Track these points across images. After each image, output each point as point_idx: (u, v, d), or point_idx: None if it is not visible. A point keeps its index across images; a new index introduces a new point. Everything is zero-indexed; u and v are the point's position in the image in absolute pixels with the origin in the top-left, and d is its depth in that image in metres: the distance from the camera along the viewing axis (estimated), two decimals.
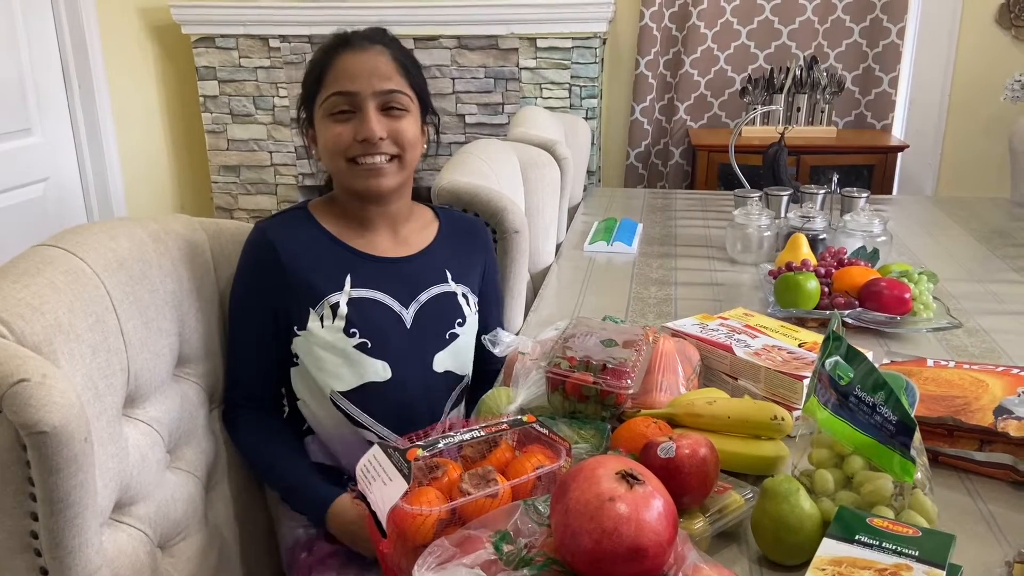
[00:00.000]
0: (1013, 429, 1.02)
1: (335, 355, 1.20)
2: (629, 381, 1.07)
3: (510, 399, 1.11)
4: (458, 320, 1.30)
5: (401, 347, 1.23)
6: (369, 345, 1.21)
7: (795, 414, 1.10)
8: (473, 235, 1.39)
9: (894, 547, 0.77)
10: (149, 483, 1.06)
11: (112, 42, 3.07)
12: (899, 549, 0.77)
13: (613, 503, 0.73)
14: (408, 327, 1.24)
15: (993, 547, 0.90)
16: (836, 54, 3.39)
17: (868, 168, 3.17)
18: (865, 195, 2.08)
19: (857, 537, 0.79)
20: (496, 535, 0.76)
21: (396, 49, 1.24)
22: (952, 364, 1.24)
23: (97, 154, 3.03)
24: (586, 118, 3.21)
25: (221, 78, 3.34)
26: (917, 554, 0.76)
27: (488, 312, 1.39)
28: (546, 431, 0.93)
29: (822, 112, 3.25)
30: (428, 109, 1.29)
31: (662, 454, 0.89)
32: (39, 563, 0.87)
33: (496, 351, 1.20)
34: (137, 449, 1.05)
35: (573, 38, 3.19)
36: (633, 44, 3.48)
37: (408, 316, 1.25)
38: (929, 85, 3.47)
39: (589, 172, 3.27)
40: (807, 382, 1.14)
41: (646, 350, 1.16)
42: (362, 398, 1.22)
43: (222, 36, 3.28)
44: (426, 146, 1.30)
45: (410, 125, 1.22)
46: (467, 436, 0.90)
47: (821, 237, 1.89)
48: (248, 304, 1.23)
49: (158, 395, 1.11)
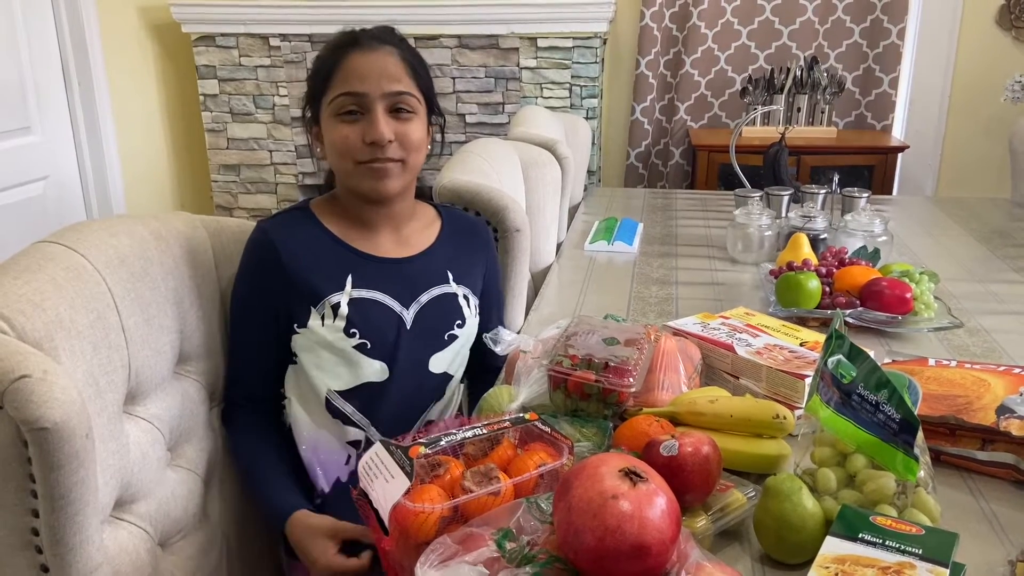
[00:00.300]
0: (1015, 428, 1.01)
1: (334, 354, 1.20)
2: (631, 379, 1.06)
3: (512, 397, 1.11)
4: (457, 322, 1.29)
5: (400, 348, 1.23)
6: (368, 346, 1.20)
7: (797, 413, 1.10)
8: (475, 235, 1.39)
9: (897, 545, 0.77)
10: (150, 480, 1.06)
11: (112, 41, 3.07)
12: (902, 547, 0.77)
13: (616, 501, 0.73)
14: (408, 328, 1.24)
15: (996, 546, 0.90)
16: (836, 54, 3.39)
17: (868, 168, 3.17)
18: (866, 195, 2.08)
19: (860, 535, 0.79)
20: (498, 533, 0.76)
21: (405, 49, 1.23)
22: (954, 363, 1.24)
23: (97, 153, 3.02)
24: (586, 118, 3.21)
25: (221, 77, 3.34)
26: (921, 552, 0.76)
27: (489, 312, 1.39)
28: (548, 429, 0.93)
29: (822, 112, 3.25)
30: (434, 110, 1.28)
31: (665, 452, 0.89)
32: (40, 560, 0.87)
33: (498, 349, 1.19)
34: (138, 446, 1.04)
35: (574, 38, 3.18)
36: (634, 44, 3.48)
37: (408, 317, 1.24)
38: (929, 86, 3.47)
39: (589, 172, 3.27)
40: (809, 381, 1.14)
41: (648, 348, 1.16)
42: (358, 398, 1.22)
43: (222, 35, 3.28)
44: (430, 147, 1.29)
45: (417, 128, 1.21)
46: (469, 434, 0.90)
47: (822, 237, 1.89)
48: (249, 303, 1.23)
49: (159, 392, 1.11)
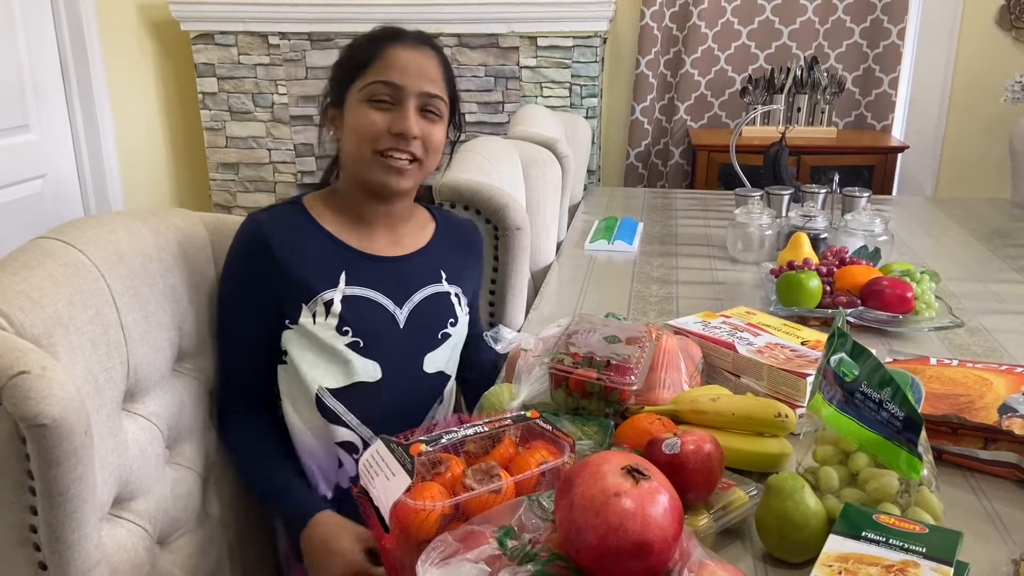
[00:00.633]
0: (1018, 427, 1.01)
1: (325, 352, 1.19)
2: (633, 377, 1.06)
3: (512, 395, 1.11)
4: (451, 320, 1.29)
5: (393, 347, 1.22)
6: (361, 344, 1.19)
7: (799, 411, 1.10)
8: (468, 239, 1.40)
9: (901, 544, 0.77)
10: (148, 478, 1.06)
11: (111, 38, 3.06)
12: (906, 546, 0.77)
13: (619, 498, 0.72)
14: (402, 327, 1.24)
15: (998, 545, 0.90)
16: (836, 54, 3.39)
17: (868, 168, 3.16)
18: (866, 195, 2.08)
19: (864, 534, 0.79)
20: (500, 530, 0.76)
21: (442, 57, 1.25)
22: (955, 363, 1.23)
23: (95, 151, 3.02)
24: (586, 117, 3.21)
25: (220, 75, 3.33)
26: (924, 551, 0.76)
27: (476, 310, 1.40)
28: (549, 427, 0.93)
29: (822, 112, 3.25)
30: (455, 122, 1.29)
31: (667, 450, 0.89)
32: (38, 557, 0.87)
33: (498, 348, 1.19)
34: (136, 443, 1.04)
35: (574, 37, 3.18)
36: (634, 43, 3.47)
37: (402, 316, 1.24)
38: (929, 86, 3.47)
39: (589, 171, 3.26)
40: (810, 380, 1.13)
41: (649, 347, 1.15)
42: (350, 397, 1.21)
43: (221, 33, 3.27)
44: (441, 157, 1.30)
45: (440, 132, 1.22)
46: (470, 432, 0.90)
47: (822, 236, 1.89)
48: (239, 297, 1.21)
49: (158, 390, 1.11)
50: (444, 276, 1.30)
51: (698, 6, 3.36)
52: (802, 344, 1.26)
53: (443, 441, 0.87)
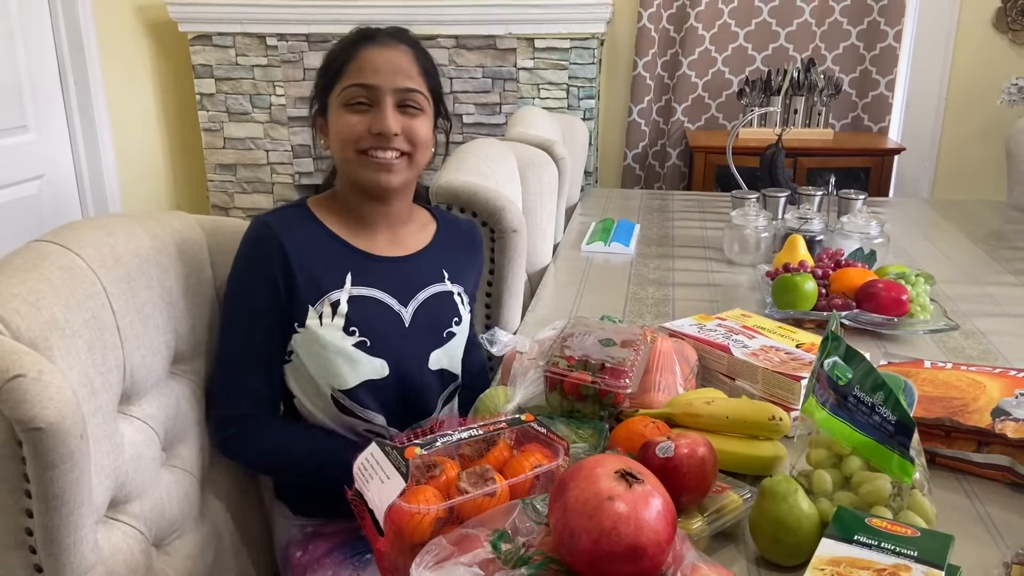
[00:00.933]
0: (1011, 431, 1.02)
1: (334, 353, 1.19)
2: (627, 380, 1.06)
3: (508, 398, 1.11)
4: (455, 319, 1.30)
5: (399, 345, 1.23)
6: (368, 344, 1.20)
7: (793, 415, 1.10)
8: (468, 239, 1.40)
9: (893, 547, 0.77)
10: (144, 481, 1.06)
11: (108, 39, 3.06)
12: (898, 549, 0.77)
13: (612, 502, 0.72)
14: (407, 326, 1.24)
15: (991, 548, 0.90)
16: (833, 56, 3.40)
17: (865, 171, 3.17)
18: (862, 197, 2.08)
19: (856, 537, 0.79)
20: (494, 534, 0.76)
21: (418, 50, 1.24)
22: (949, 366, 1.24)
23: (93, 152, 3.01)
24: (584, 119, 3.21)
25: (218, 76, 3.33)
26: (916, 554, 0.76)
27: (471, 313, 1.39)
28: (544, 430, 0.93)
29: (819, 114, 3.25)
30: (441, 113, 1.29)
31: (660, 454, 0.89)
32: (33, 560, 0.87)
33: (494, 350, 1.19)
34: (132, 446, 1.04)
35: (571, 39, 3.19)
36: (631, 45, 3.48)
37: (407, 315, 1.24)
38: (926, 88, 3.48)
39: (586, 173, 3.27)
40: (805, 383, 1.14)
41: (644, 350, 1.15)
42: (360, 395, 1.21)
43: (219, 34, 3.27)
44: (433, 149, 1.30)
45: (424, 125, 1.22)
46: (465, 435, 0.90)
47: (818, 239, 1.89)
48: (254, 303, 1.18)
49: (154, 392, 1.11)
50: (446, 275, 1.31)
51: (695, 8, 3.37)
52: (797, 347, 1.26)
53: (438, 444, 0.87)
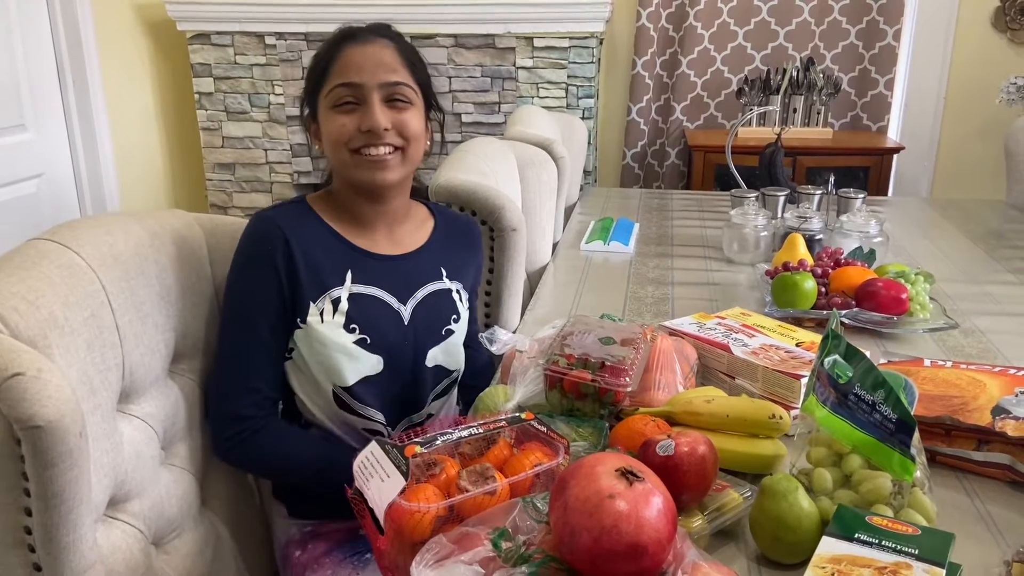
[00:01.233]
0: (1011, 429, 1.01)
1: (335, 350, 1.19)
2: (627, 379, 1.06)
3: (508, 397, 1.11)
4: (453, 316, 1.30)
5: (397, 343, 1.23)
6: (368, 341, 1.20)
7: (793, 413, 1.10)
8: (467, 235, 1.40)
9: (894, 545, 0.77)
10: (144, 479, 1.06)
11: (107, 38, 3.06)
12: (899, 547, 0.77)
13: (613, 500, 0.72)
14: (406, 324, 1.24)
15: (991, 546, 0.90)
16: (832, 56, 3.40)
17: (864, 170, 3.17)
18: (862, 196, 2.08)
19: (856, 535, 0.79)
20: (494, 532, 0.76)
21: (401, 43, 1.24)
22: (949, 364, 1.24)
23: (91, 151, 3.01)
24: (583, 118, 3.21)
25: (216, 75, 3.33)
26: (917, 552, 0.76)
27: (473, 310, 1.40)
28: (544, 429, 0.93)
29: (818, 113, 3.25)
30: (432, 105, 1.28)
31: (661, 452, 0.89)
32: (32, 559, 0.87)
33: (493, 349, 1.19)
34: (132, 445, 1.04)
35: (570, 38, 3.18)
36: (630, 44, 3.48)
37: (406, 313, 1.24)
38: (925, 87, 3.48)
39: (585, 172, 3.26)
40: (805, 381, 1.14)
41: (644, 348, 1.15)
42: (359, 392, 1.22)
43: (217, 33, 3.27)
44: (429, 143, 1.29)
45: (414, 118, 1.21)
46: (465, 433, 0.90)
47: (818, 237, 1.89)
48: (258, 298, 1.17)
49: (153, 391, 1.11)
50: (444, 273, 1.31)
51: (694, 7, 3.37)
52: (797, 345, 1.26)
53: (438, 443, 0.87)
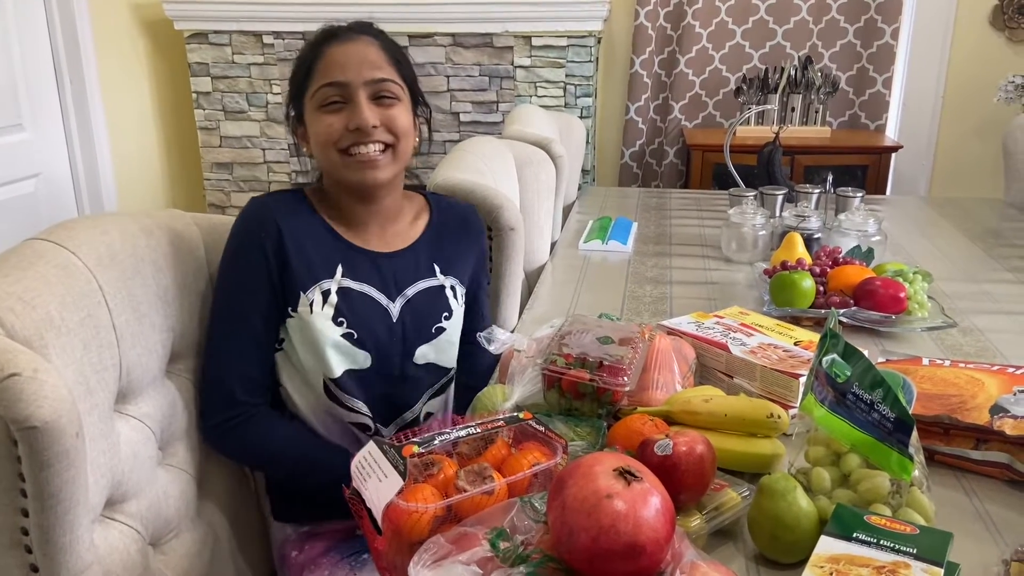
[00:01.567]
0: (1009, 428, 1.01)
1: (323, 341, 1.19)
2: (625, 378, 1.06)
3: (506, 396, 1.10)
4: (444, 314, 1.29)
5: (385, 340, 1.23)
6: (355, 336, 1.20)
7: (791, 412, 1.10)
8: (466, 224, 1.38)
9: (892, 545, 0.77)
10: (141, 480, 1.06)
11: (104, 37, 3.05)
12: (897, 547, 0.77)
13: (611, 500, 0.72)
14: (394, 321, 1.24)
15: (990, 545, 0.90)
16: (830, 54, 3.40)
17: (862, 168, 3.17)
18: (860, 195, 2.08)
19: (855, 535, 0.79)
20: (492, 532, 0.76)
21: (384, 40, 1.23)
22: (947, 363, 1.24)
23: (88, 150, 3.00)
24: (581, 117, 3.21)
25: (214, 74, 3.32)
26: (915, 552, 0.76)
27: (475, 302, 1.38)
28: (542, 428, 0.93)
29: (816, 112, 3.25)
30: (419, 101, 1.27)
31: (659, 451, 0.89)
32: (29, 560, 0.86)
33: (491, 348, 1.19)
34: (129, 445, 1.04)
35: (568, 36, 3.18)
36: (628, 43, 3.47)
37: (395, 310, 1.24)
38: (923, 86, 3.48)
39: (584, 171, 3.26)
40: (803, 380, 1.13)
41: (642, 347, 1.15)
42: (346, 384, 1.22)
43: (215, 32, 3.27)
44: (419, 140, 1.29)
45: (402, 114, 1.21)
46: (463, 433, 0.90)
47: (816, 236, 1.89)
48: (248, 284, 1.17)
49: (150, 391, 1.10)
50: (438, 269, 1.30)
51: (692, 6, 3.36)
52: (795, 344, 1.26)
53: (436, 443, 0.87)
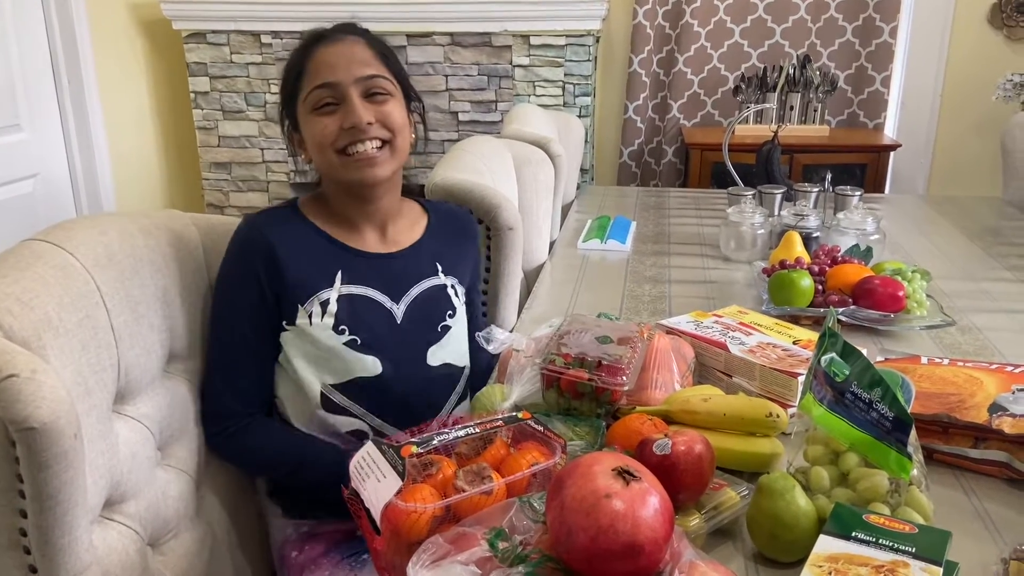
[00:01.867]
0: (1007, 426, 1.01)
1: (323, 351, 1.19)
2: (624, 378, 1.06)
3: (504, 396, 1.11)
4: (448, 312, 1.29)
5: (392, 343, 1.23)
6: (359, 341, 1.20)
7: (790, 411, 1.10)
8: (461, 226, 1.39)
9: (891, 544, 0.77)
10: (140, 480, 1.05)
11: (102, 37, 3.05)
12: (896, 546, 0.77)
13: (609, 500, 0.72)
14: (399, 323, 1.24)
15: (988, 544, 0.90)
16: (829, 53, 3.40)
17: (860, 167, 3.17)
18: (858, 193, 2.08)
19: (853, 534, 0.79)
20: (491, 532, 0.76)
21: (370, 38, 1.23)
22: (946, 361, 1.24)
23: (87, 150, 3.00)
24: (579, 116, 3.21)
25: (212, 74, 3.32)
26: (914, 551, 0.76)
27: (475, 305, 1.39)
28: (541, 428, 0.93)
29: (815, 111, 3.25)
30: (411, 96, 1.27)
31: (658, 451, 0.89)
32: (27, 561, 0.86)
33: (490, 348, 1.19)
34: (127, 446, 1.03)
35: (567, 36, 3.18)
36: (626, 42, 3.47)
37: (399, 312, 1.24)
38: (921, 84, 3.48)
39: (582, 170, 3.26)
40: (802, 379, 1.13)
41: (641, 347, 1.15)
42: (352, 392, 1.21)
43: (213, 32, 3.26)
44: (415, 136, 1.28)
45: (396, 109, 1.21)
46: (461, 433, 0.90)
47: (815, 235, 1.89)
48: (243, 302, 1.19)
49: (149, 391, 1.10)
50: (440, 268, 1.30)
51: (691, 5, 3.36)
52: (794, 343, 1.26)
53: (434, 443, 0.87)
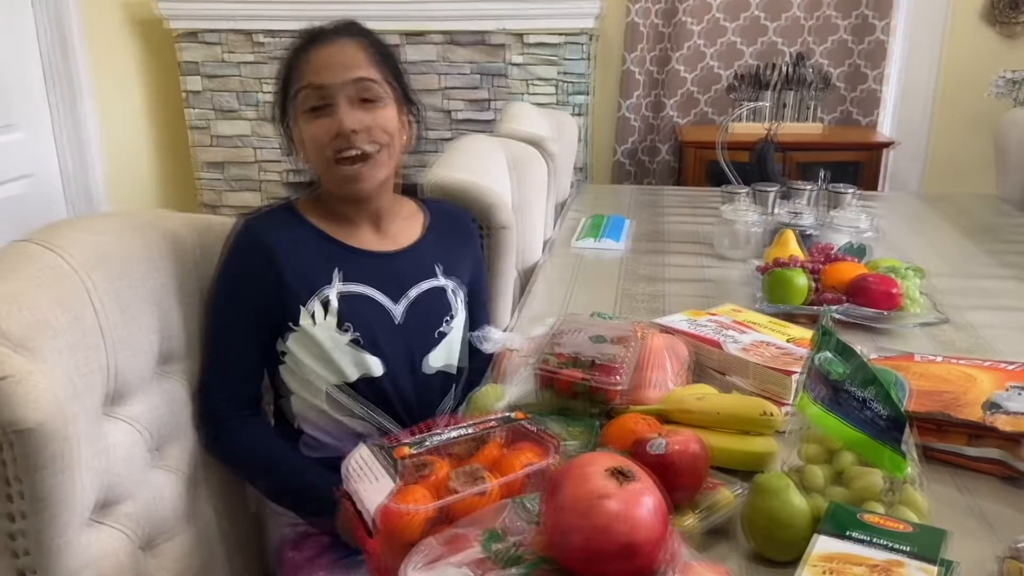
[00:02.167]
0: (1002, 424, 1.01)
1: (331, 351, 1.19)
2: (619, 377, 1.06)
3: (499, 396, 1.10)
4: (447, 317, 1.29)
5: (391, 343, 1.22)
6: (362, 341, 1.20)
7: (785, 410, 1.10)
8: (460, 226, 1.39)
9: (886, 543, 0.77)
10: (133, 482, 1.05)
11: (94, 37, 3.04)
12: (892, 545, 0.77)
13: (605, 500, 0.72)
14: (398, 323, 1.23)
15: (984, 542, 0.90)
16: (823, 50, 3.40)
17: (855, 165, 3.18)
18: (853, 191, 2.08)
19: (849, 533, 0.79)
20: (485, 533, 0.75)
21: (367, 38, 1.21)
22: (940, 359, 1.23)
23: (79, 151, 2.99)
24: (574, 114, 3.21)
25: (205, 73, 3.31)
26: (910, 550, 0.76)
27: (475, 305, 1.38)
28: (535, 428, 0.92)
29: (809, 109, 3.25)
30: (409, 100, 1.26)
31: (652, 451, 0.89)
32: (17, 565, 0.86)
33: (485, 348, 1.18)
34: (120, 447, 1.03)
35: (562, 34, 3.18)
36: (621, 40, 3.47)
37: (398, 312, 1.24)
38: (916, 82, 3.49)
39: (577, 169, 3.26)
40: (797, 378, 1.13)
41: (635, 346, 1.15)
42: (360, 391, 1.21)
43: (206, 31, 3.25)
44: (408, 139, 1.27)
45: (387, 115, 1.19)
46: (456, 434, 0.89)
47: (809, 233, 1.89)
48: (239, 304, 1.19)
49: (141, 393, 1.09)
50: (440, 270, 1.29)
51: (684, 2, 3.36)
52: (789, 341, 1.26)
53: (428, 444, 0.87)
